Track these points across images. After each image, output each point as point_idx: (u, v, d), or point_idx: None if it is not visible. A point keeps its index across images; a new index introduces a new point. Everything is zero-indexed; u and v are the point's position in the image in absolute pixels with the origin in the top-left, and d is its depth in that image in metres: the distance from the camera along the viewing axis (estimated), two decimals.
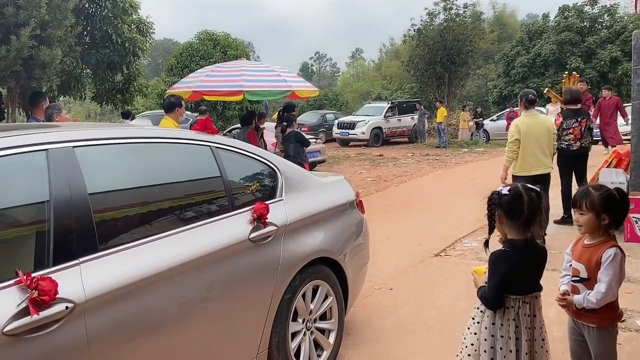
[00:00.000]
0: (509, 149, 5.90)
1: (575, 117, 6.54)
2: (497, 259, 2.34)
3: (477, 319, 2.44)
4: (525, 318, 2.34)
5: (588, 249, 2.50)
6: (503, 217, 2.35)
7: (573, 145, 6.54)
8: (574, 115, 6.56)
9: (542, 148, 5.83)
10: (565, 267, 2.64)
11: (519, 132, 5.82)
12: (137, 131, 2.76)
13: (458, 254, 5.91)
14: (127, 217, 2.41)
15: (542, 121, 6.00)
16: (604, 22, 26.54)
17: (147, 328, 2.24)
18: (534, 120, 5.92)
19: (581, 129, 6.55)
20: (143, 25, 12.63)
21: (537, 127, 5.86)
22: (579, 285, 2.50)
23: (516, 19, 46.31)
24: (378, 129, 21.85)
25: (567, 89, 7.07)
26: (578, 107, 6.73)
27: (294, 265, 3.03)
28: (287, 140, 8.71)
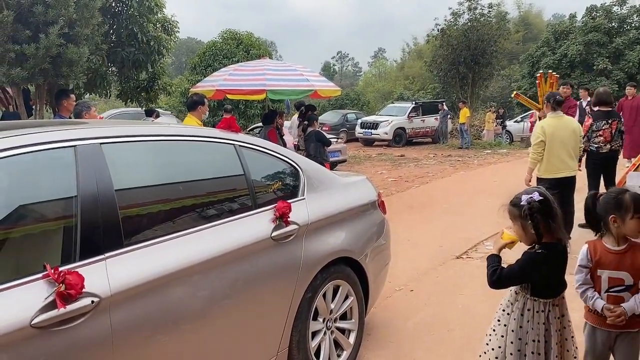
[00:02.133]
0: (534, 151, 5.82)
1: (605, 119, 6.43)
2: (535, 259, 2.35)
3: (502, 321, 2.43)
4: (555, 321, 2.33)
5: (624, 254, 2.42)
6: (542, 222, 2.33)
7: (603, 147, 6.44)
8: (604, 117, 6.45)
9: (567, 150, 5.74)
10: (586, 280, 2.50)
11: (544, 133, 5.74)
12: (163, 129, 2.79)
13: (480, 256, 5.85)
14: (152, 214, 2.45)
15: (568, 123, 5.89)
16: (633, 23, 26.00)
17: (170, 324, 2.26)
18: (559, 122, 5.82)
19: (612, 131, 6.44)
20: (168, 24, 12.73)
21: (562, 128, 5.77)
22: (625, 294, 2.41)
23: (542, 19, 45.63)
24: (401, 129, 21.80)
25: (596, 92, 6.95)
26: (609, 109, 6.62)
27: (315, 264, 3.04)
28: (308, 139, 8.72)
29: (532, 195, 2.35)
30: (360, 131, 21.97)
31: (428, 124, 22.68)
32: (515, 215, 2.39)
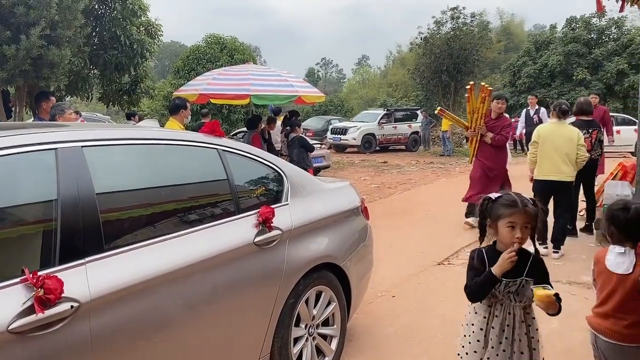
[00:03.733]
0: (529, 152, 6.34)
1: (586, 128, 6.56)
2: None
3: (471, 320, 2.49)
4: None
5: None
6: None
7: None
8: (585, 127, 6.57)
9: (561, 155, 5.89)
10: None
11: (538, 136, 6.12)
12: (146, 132, 2.77)
13: (461, 262, 5.89)
14: (134, 218, 2.42)
15: (565, 130, 6.07)
16: (611, 35, 26.52)
17: (151, 329, 2.24)
18: (557, 128, 6.08)
19: (592, 140, 6.57)
20: (152, 27, 12.67)
21: (558, 135, 5.99)
22: None
23: (523, 29, 46.33)
24: (370, 136, 21.82)
25: (577, 101, 7.07)
26: (589, 119, 6.76)
27: (298, 270, 3.03)
28: (291, 145, 8.73)
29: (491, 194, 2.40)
30: (330, 137, 21.95)
31: (401, 131, 22.68)
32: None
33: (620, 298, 2.38)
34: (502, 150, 7.44)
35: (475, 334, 2.41)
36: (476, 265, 2.41)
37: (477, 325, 2.41)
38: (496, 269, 2.28)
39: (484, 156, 7.31)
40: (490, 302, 2.39)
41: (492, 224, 2.38)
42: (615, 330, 2.38)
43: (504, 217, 2.31)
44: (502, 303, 2.36)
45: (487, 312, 2.39)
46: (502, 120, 7.32)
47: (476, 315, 2.44)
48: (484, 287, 2.33)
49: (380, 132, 22.16)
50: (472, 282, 2.37)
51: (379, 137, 22.13)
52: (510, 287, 2.32)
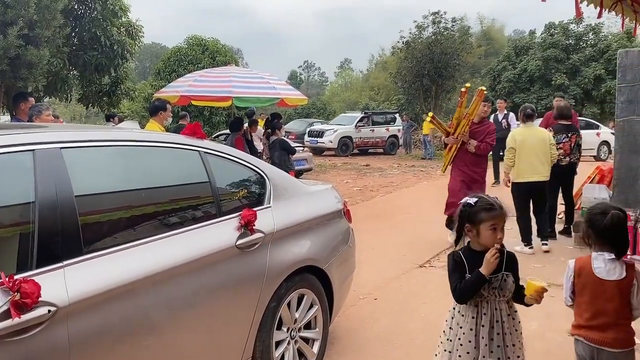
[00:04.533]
0: (506, 157, 6.42)
1: (566, 132, 6.71)
2: None
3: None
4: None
5: None
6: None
7: (562, 160, 6.70)
8: (565, 131, 6.73)
9: (537, 156, 6.21)
10: None
11: (514, 141, 6.31)
12: (126, 134, 2.73)
13: (442, 265, 5.93)
14: (113, 221, 2.39)
15: (537, 132, 6.43)
16: (589, 40, 27.00)
17: (131, 333, 2.21)
18: (529, 131, 6.37)
19: (571, 144, 6.71)
20: (132, 28, 12.55)
21: (532, 137, 6.29)
22: None
23: (503, 34, 46.94)
24: (347, 139, 21.87)
25: (557, 106, 7.21)
26: (569, 123, 6.89)
27: (280, 273, 3.02)
28: (272, 147, 8.71)
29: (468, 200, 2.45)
30: (307, 139, 21.90)
31: (378, 134, 22.76)
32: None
33: (618, 305, 2.36)
34: (484, 157, 6.76)
35: (466, 335, 2.42)
36: (458, 268, 2.45)
37: (467, 326, 2.43)
38: (484, 269, 2.35)
39: (464, 164, 6.63)
40: (476, 302, 2.43)
41: (472, 228, 2.43)
42: (620, 338, 2.37)
43: (486, 221, 2.38)
44: (488, 300, 2.41)
45: (475, 312, 2.43)
46: (486, 125, 6.67)
47: (463, 317, 2.46)
48: (474, 288, 2.38)
49: (357, 135, 22.20)
50: (461, 284, 2.41)
51: (356, 140, 22.19)
52: (494, 284, 2.39)
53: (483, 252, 2.40)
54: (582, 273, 2.44)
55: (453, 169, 6.81)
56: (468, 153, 6.56)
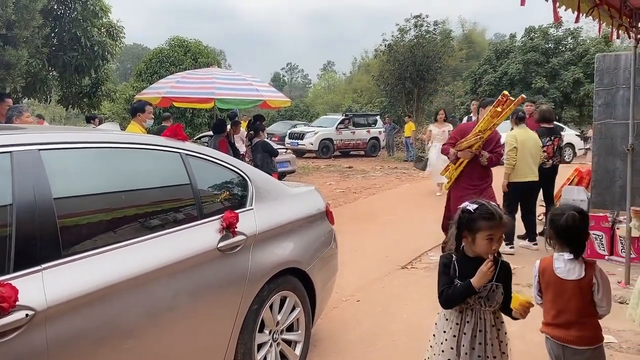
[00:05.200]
0: (509, 157, 6.40)
1: (549, 136, 6.84)
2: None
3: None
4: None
5: None
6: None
7: (546, 163, 6.81)
8: (548, 134, 6.86)
9: (532, 156, 6.45)
10: None
11: (516, 141, 6.41)
12: (106, 136, 2.71)
13: (424, 266, 5.98)
14: (93, 224, 2.36)
15: (531, 134, 6.61)
16: (568, 45, 27.42)
17: (111, 337, 2.19)
18: (526, 133, 6.54)
19: (554, 147, 6.84)
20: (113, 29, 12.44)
21: (529, 138, 6.52)
22: None
23: (484, 38, 47.40)
24: (328, 141, 21.89)
25: (540, 109, 7.37)
26: (551, 126, 7.02)
27: (263, 275, 3.01)
28: (255, 149, 8.68)
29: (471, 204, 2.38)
30: (288, 141, 21.79)
31: (359, 137, 22.82)
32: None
33: (579, 304, 2.41)
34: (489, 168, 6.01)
35: (448, 342, 2.40)
36: (448, 272, 2.41)
37: (450, 332, 2.40)
38: (476, 281, 2.30)
39: (470, 179, 5.80)
40: (461, 308, 2.40)
41: (468, 235, 2.37)
42: (585, 336, 2.41)
43: (484, 230, 2.32)
44: (473, 308, 2.38)
45: (458, 319, 2.40)
46: (494, 134, 5.83)
47: (447, 322, 2.43)
48: (461, 297, 2.35)
49: (338, 137, 22.23)
50: (449, 290, 2.36)
51: (337, 142, 22.21)
52: (481, 293, 2.34)
53: (476, 259, 2.36)
54: (545, 273, 2.52)
55: (456, 187, 5.91)
56: (477, 166, 5.75)
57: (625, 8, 4.30)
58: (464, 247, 2.44)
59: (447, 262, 2.43)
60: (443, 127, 10.76)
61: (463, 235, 2.39)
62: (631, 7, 4.45)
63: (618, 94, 6.36)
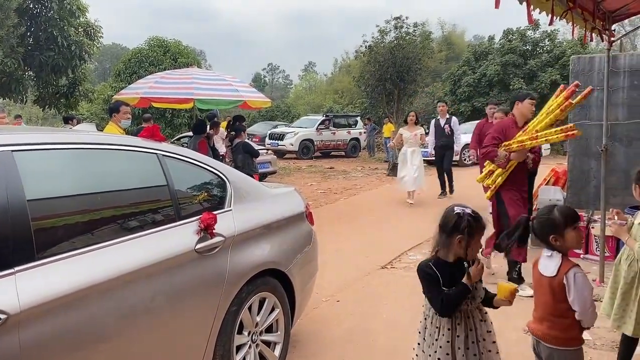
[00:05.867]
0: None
1: None
2: None
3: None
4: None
5: None
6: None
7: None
8: None
9: None
10: None
11: None
12: (81, 137, 2.68)
13: (404, 266, 6.02)
14: (68, 226, 2.33)
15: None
16: (545, 47, 27.79)
17: (86, 341, 2.16)
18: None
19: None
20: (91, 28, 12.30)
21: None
22: None
23: (464, 39, 47.87)
24: (308, 141, 21.88)
25: None
26: None
27: (241, 277, 3.00)
28: (235, 150, 8.64)
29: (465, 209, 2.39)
30: (268, 142, 21.71)
31: (340, 137, 22.87)
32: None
33: (550, 301, 2.44)
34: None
35: (443, 348, 2.37)
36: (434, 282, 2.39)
37: (443, 339, 2.38)
38: (469, 281, 2.34)
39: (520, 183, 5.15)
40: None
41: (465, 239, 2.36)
42: (553, 335, 2.43)
43: (479, 233, 2.40)
44: (461, 309, 2.39)
45: (449, 324, 2.39)
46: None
47: (438, 330, 2.41)
48: (459, 301, 2.36)
49: (319, 138, 22.21)
50: (447, 298, 2.34)
51: (317, 142, 22.19)
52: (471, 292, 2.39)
53: (454, 264, 2.39)
54: (534, 267, 2.58)
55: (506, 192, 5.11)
56: (523, 169, 5.16)
57: (598, 11, 4.39)
58: (438, 252, 2.44)
59: (430, 272, 2.40)
60: (414, 130, 10.04)
61: (458, 240, 2.36)
62: (604, 10, 4.54)
63: (593, 96, 6.49)
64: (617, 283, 3.27)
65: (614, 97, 6.18)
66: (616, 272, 3.30)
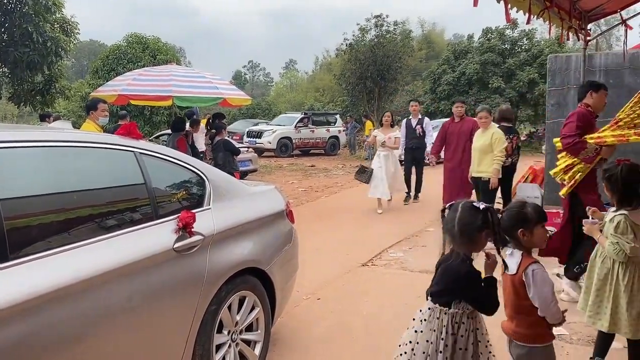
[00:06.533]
0: (502, 155, 6.56)
1: (508, 134, 6.98)
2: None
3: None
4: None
5: None
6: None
7: (505, 161, 6.95)
8: (507, 132, 7.00)
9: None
10: None
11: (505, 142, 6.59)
12: (56, 134, 2.62)
13: (384, 263, 6.04)
14: (42, 225, 2.27)
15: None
16: (523, 45, 28.12)
17: (61, 342, 2.12)
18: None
19: (512, 145, 7.01)
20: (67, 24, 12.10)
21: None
22: None
23: (443, 38, 48.24)
24: (287, 139, 21.84)
25: (499, 109, 7.51)
26: (510, 126, 7.22)
27: (221, 276, 2.98)
28: (216, 148, 8.59)
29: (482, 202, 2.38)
30: (246, 140, 21.50)
31: (318, 135, 22.86)
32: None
33: (514, 299, 2.47)
34: None
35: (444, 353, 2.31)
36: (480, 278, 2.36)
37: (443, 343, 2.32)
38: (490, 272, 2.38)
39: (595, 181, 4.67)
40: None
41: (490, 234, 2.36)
42: (519, 332, 2.46)
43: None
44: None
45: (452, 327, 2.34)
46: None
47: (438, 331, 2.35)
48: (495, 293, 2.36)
49: (297, 136, 22.17)
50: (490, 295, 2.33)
51: (296, 141, 22.16)
52: None
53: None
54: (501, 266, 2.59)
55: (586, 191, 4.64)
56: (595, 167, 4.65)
57: (574, 11, 4.45)
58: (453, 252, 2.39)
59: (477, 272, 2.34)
60: (389, 132, 9.09)
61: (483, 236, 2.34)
62: (580, 9, 4.60)
63: (569, 94, 6.60)
64: (591, 279, 3.32)
65: None
66: (591, 267, 3.36)
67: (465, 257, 2.35)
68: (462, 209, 2.35)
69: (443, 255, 2.45)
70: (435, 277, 2.48)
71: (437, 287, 2.42)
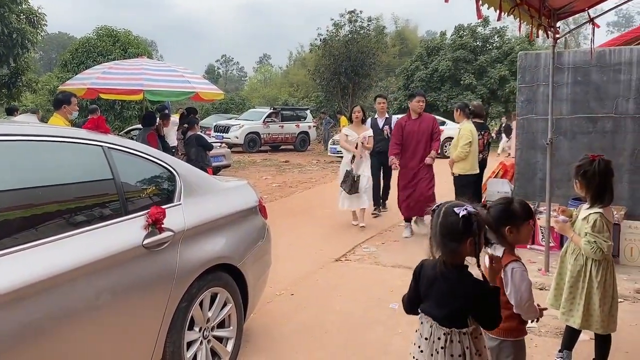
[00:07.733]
0: (464, 150, 6.61)
1: (480, 131, 7.10)
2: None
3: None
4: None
5: None
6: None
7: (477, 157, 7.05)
8: (479, 129, 7.13)
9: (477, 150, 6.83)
10: None
11: (472, 135, 6.65)
12: (21, 128, 2.54)
13: (357, 258, 6.07)
14: (7, 221, 2.20)
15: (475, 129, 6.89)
16: (495, 43, 28.55)
17: (27, 341, 2.06)
18: (474, 128, 6.84)
19: (484, 141, 7.13)
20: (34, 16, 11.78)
21: (475, 133, 6.81)
22: None
23: (416, 35, 48.55)
24: (255, 134, 21.69)
25: (472, 105, 7.61)
26: (482, 122, 7.34)
27: (192, 272, 2.94)
28: (188, 143, 8.48)
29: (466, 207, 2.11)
30: (213, 135, 21.04)
31: (288, 131, 22.77)
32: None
33: None
34: None
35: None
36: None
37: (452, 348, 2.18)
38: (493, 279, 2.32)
39: None
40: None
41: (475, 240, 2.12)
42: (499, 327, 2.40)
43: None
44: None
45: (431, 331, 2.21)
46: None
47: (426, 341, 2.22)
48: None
49: (266, 131, 22.01)
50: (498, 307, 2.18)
51: (264, 136, 21.99)
52: None
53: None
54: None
55: None
56: None
57: (544, 8, 4.51)
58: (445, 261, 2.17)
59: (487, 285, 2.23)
60: (362, 131, 7.64)
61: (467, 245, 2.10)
62: (549, 7, 4.67)
63: (539, 91, 6.71)
64: (562, 275, 3.37)
65: (559, 92, 6.39)
66: (562, 264, 3.40)
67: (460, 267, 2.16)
68: (443, 214, 2.13)
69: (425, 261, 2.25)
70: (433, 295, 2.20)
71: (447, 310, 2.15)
